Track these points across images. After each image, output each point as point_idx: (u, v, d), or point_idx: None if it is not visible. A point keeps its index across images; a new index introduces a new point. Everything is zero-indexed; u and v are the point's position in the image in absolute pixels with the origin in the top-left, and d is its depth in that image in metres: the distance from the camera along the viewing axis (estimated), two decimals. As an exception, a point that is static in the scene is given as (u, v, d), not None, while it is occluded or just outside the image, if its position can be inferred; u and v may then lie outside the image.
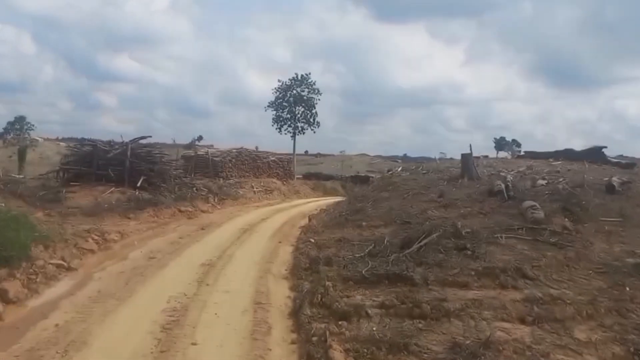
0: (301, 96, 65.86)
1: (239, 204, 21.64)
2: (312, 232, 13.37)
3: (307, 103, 66.02)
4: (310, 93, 66.02)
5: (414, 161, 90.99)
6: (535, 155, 29.42)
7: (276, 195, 27.26)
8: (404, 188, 17.49)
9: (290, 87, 65.79)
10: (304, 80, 66.00)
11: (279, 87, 65.69)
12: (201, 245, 11.32)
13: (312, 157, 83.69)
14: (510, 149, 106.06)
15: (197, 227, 14.08)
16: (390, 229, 11.78)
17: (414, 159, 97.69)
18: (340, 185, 38.48)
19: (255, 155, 30.41)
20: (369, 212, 14.89)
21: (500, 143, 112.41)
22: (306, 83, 66.06)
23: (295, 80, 66.00)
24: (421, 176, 19.59)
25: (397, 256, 8.69)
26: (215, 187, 21.95)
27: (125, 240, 11.45)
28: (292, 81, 65.90)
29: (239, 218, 16.69)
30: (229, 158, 27.75)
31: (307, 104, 66.02)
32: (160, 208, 15.71)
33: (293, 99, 65.82)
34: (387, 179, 20.68)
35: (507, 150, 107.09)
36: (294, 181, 33.44)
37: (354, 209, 16.38)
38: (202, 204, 18.31)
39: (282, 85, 65.93)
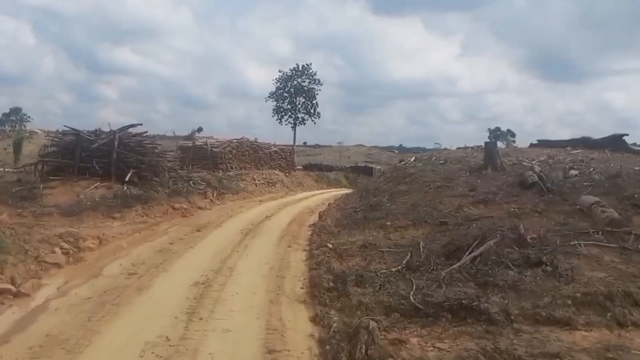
0: (302, 87, 63.56)
1: (240, 198, 19.39)
2: (326, 233, 11.14)
3: (308, 94, 63.75)
4: (311, 84, 63.73)
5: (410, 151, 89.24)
6: (550, 144, 27.18)
7: (279, 188, 25.02)
8: (423, 180, 15.35)
9: (291, 77, 63.45)
10: (305, 71, 63.63)
11: (280, 77, 63.35)
12: (196, 253, 9.07)
13: (311, 148, 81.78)
14: (505, 139, 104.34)
15: (192, 228, 11.84)
16: (422, 230, 9.57)
17: (410, 149, 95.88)
18: (344, 176, 36.24)
19: (257, 145, 28.12)
20: (389, 208, 12.72)
21: (495, 133, 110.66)
22: (307, 73, 63.72)
23: (296, 71, 63.64)
24: (439, 167, 17.40)
25: (448, 272, 6.49)
26: (214, 180, 19.68)
27: (103, 248, 9.21)
28: (293, 72, 63.54)
29: (241, 215, 14.43)
30: (229, 149, 25.47)
31: (308, 94, 63.75)
32: (150, 205, 13.44)
33: (294, 89, 63.53)
34: (401, 169, 18.45)
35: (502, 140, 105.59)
36: (297, 172, 31.18)
37: (370, 204, 14.21)
38: (200, 200, 16.05)
39: (283, 75, 63.59)
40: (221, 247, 9.64)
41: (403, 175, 16.79)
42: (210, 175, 20.56)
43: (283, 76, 61.84)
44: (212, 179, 19.62)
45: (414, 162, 20.29)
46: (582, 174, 14.41)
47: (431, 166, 17.60)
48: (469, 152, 24.00)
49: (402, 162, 20.60)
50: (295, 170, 31.83)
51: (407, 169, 17.90)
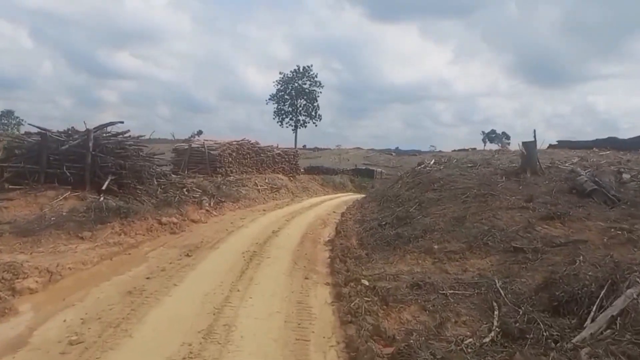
0: (303, 89, 61.02)
1: (241, 207, 16.62)
2: (352, 257, 8.41)
3: (309, 96, 61.23)
4: (312, 86, 61.23)
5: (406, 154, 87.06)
6: (572, 145, 24.53)
7: (284, 194, 22.26)
8: (455, 186, 12.65)
9: (292, 79, 60.89)
10: (306, 73, 61.08)
11: (281, 79, 60.83)
12: (179, 296, 6.30)
13: (310, 151, 79.55)
14: (500, 141, 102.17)
15: (181, 250, 9.08)
16: (489, 259, 6.83)
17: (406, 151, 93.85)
18: (349, 179, 33.53)
19: (259, 148, 25.34)
20: (424, 222, 10.00)
21: (490, 135, 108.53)
22: (308, 75, 61.16)
23: (297, 73, 61.09)
24: (467, 170, 14.67)
25: (587, 352, 3.78)
26: (212, 186, 16.92)
27: (51, 289, 6.43)
28: (294, 73, 60.98)
29: (242, 231, 11.66)
30: (229, 151, 22.69)
31: (309, 96, 61.22)
32: (131, 220, 10.68)
33: (295, 91, 61.00)
34: (423, 174, 15.70)
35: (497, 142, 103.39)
36: (301, 177, 28.42)
37: (396, 215, 11.51)
38: (194, 211, 13.29)
39: (284, 77, 61.05)
40: (216, 282, 6.88)
41: (429, 180, 14.05)
42: (207, 181, 17.79)
43: (284, 78, 59.29)
44: (209, 185, 16.86)
45: (434, 165, 17.58)
46: (636, 179, 11.94)
47: (458, 170, 14.88)
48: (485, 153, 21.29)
49: (421, 166, 17.87)
50: (300, 174, 29.08)
51: (432, 173, 15.17)
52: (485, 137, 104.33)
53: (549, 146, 25.02)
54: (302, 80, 59.00)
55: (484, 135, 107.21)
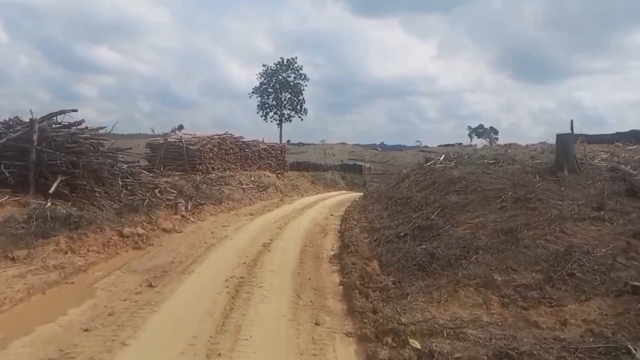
0: (287, 82, 58.34)
1: (223, 210, 14.25)
2: (375, 287, 6.19)
3: (294, 89, 58.60)
4: (296, 79, 58.60)
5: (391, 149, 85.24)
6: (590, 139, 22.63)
7: (272, 193, 19.92)
8: (483, 187, 10.55)
9: (275, 72, 58.15)
10: (290, 65, 58.38)
11: (264, 72, 58.03)
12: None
13: (295, 147, 77.20)
14: (489, 136, 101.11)
15: (142, 277, 6.72)
16: (595, 304, 4.69)
17: (391, 147, 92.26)
18: (340, 176, 31.32)
19: (243, 142, 22.92)
20: (457, 235, 7.88)
21: (477, 131, 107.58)
22: (292, 68, 58.47)
23: (281, 65, 58.37)
24: (491, 168, 12.56)
25: None
26: (190, 186, 14.53)
27: None
28: (278, 66, 58.27)
29: (224, 244, 9.29)
30: (210, 146, 20.24)
31: (294, 89, 58.59)
32: (84, 232, 8.31)
33: (279, 84, 58.33)
34: (437, 172, 13.54)
35: (485, 137, 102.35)
36: (289, 173, 26.10)
37: (417, 225, 9.32)
38: (166, 217, 10.93)
39: (267, 70, 58.26)
40: (186, 338, 4.58)
41: (446, 179, 11.89)
42: (184, 180, 15.37)
43: (267, 71, 56.67)
44: (186, 185, 14.46)
45: (445, 161, 15.45)
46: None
47: (478, 167, 12.74)
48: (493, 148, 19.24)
49: (429, 162, 15.70)
50: (288, 170, 26.75)
51: (447, 171, 13.01)
52: (472, 133, 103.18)
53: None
54: (286, 73, 56.44)
55: (471, 131, 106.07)
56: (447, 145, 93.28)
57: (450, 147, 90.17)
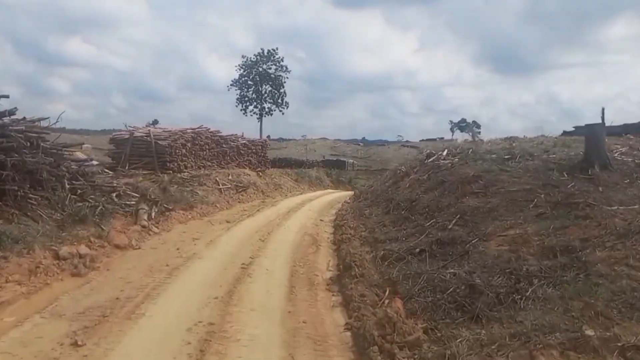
0: (268, 74, 55.95)
1: (195, 216, 12.22)
2: (401, 340, 4.33)
3: (275, 81, 56.27)
4: (277, 70, 56.27)
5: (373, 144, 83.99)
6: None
7: (252, 194, 17.91)
8: (507, 188, 8.82)
9: (255, 63, 55.74)
10: (271, 57, 55.99)
11: (243, 63, 55.53)
12: None
13: (275, 142, 75.20)
14: (471, 130, 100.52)
15: (68, 327, 4.72)
16: None
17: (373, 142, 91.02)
18: (325, 173, 29.44)
19: (220, 137, 20.81)
20: (492, 254, 6.04)
21: (460, 125, 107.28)
22: (273, 59, 56.08)
23: (261, 56, 55.95)
24: (509, 165, 10.83)
25: None
26: (156, 188, 12.47)
27: None
28: (258, 57, 55.84)
29: (192, 268, 7.22)
30: (182, 141, 18.09)
31: (275, 82, 56.26)
32: (4, 255, 6.28)
33: (259, 77, 55.92)
34: (444, 170, 11.75)
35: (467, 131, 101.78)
36: (271, 171, 24.08)
37: (435, 239, 7.49)
38: (122, 229, 8.91)
39: (247, 61, 55.82)
40: None
41: (459, 179, 10.09)
42: (150, 181, 13.28)
43: (247, 62, 54.25)
44: (151, 187, 12.38)
45: (449, 157, 13.67)
46: None
47: (493, 164, 11.00)
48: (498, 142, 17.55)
49: (431, 158, 13.88)
50: (269, 167, 24.72)
51: (456, 168, 11.21)
52: (455, 127, 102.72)
53: (563, 133, 21.62)
54: (267, 65, 54.15)
55: (453, 125, 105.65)
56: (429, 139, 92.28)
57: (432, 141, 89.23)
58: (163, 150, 17.38)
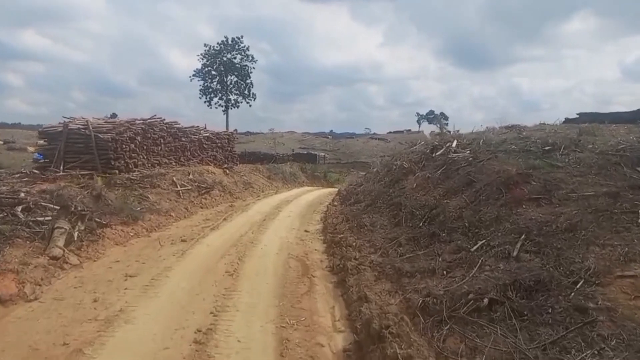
0: (233, 63, 52.23)
1: (141, 232, 9.11)
2: None
3: (241, 71, 52.67)
4: (243, 60, 52.65)
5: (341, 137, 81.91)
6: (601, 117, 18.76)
7: (218, 197, 14.79)
8: (578, 193, 6.08)
9: (219, 52, 51.97)
10: (236, 45, 52.31)
11: (206, 52, 51.61)
12: None
13: (242, 136, 71.90)
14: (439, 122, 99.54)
15: None
16: None
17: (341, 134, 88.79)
18: (299, 168, 26.50)
19: (178, 129, 17.56)
20: (625, 312, 3.12)
21: (428, 117, 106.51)
22: (238, 48, 52.38)
23: (225, 45, 52.20)
24: (557, 158, 8.20)
25: None
26: (85, 196, 9.28)
27: None
28: (222, 45, 52.07)
29: (111, 347, 4.24)
30: (130, 134, 14.82)
31: (240, 72, 52.65)
32: None
33: (223, 66, 52.19)
34: (465, 165, 9.02)
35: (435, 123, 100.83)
36: (240, 167, 20.95)
37: (495, 276, 4.60)
38: (21, 262, 5.80)
39: (210, 50, 51.99)
40: None
41: (499, 179, 7.35)
42: (79, 186, 10.03)
43: (210, 51, 50.46)
44: (79, 195, 9.17)
45: (459, 148, 10.99)
46: None
47: (533, 157, 8.37)
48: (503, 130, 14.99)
49: (439, 152, 11.15)
50: (238, 163, 21.57)
51: (485, 165, 8.46)
52: (423, 119, 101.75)
53: (566, 120, 19.28)
54: (231, 54, 50.55)
55: (420, 117, 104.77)
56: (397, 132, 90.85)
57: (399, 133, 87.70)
58: (106, 145, 14.10)
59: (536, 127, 15.04)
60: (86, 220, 8.35)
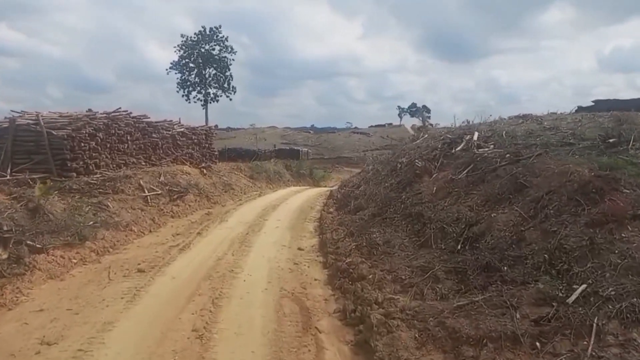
0: (211, 55, 49.45)
1: (88, 256, 6.91)
2: None
3: (220, 63, 49.92)
4: (222, 51, 49.88)
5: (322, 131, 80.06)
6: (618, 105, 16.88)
7: (192, 202, 12.55)
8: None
9: (197, 43, 49.12)
10: (214, 36, 49.51)
11: (183, 43, 48.73)
12: None
13: (223, 132, 69.44)
14: (421, 115, 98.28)
15: None
16: None
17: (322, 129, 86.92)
18: (284, 166, 24.32)
19: (147, 124, 15.23)
20: None
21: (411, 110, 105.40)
22: (216, 39, 49.57)
23: (202, 35, 49.35)
24: (634, 154, 6.16)
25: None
26: (17, 210, 7.01)
27: None
28: (199, 36, 49.23)
29: None
30: (90, 130, 12.49)
31: (220, 64, 49.92)
32: None
33: (202, 58, 49.39)
34: (507, 166, 7.02)
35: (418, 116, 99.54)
36: (219, 166, 18.67)
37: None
38: None
39: (187, 41, 49.12)
40: None
41: (556, 182, 5.40)
42: (9, 197, 7.73)
43: (187, 42, 47.58)
44: (6, 210, 6.91)
45: (480, 141, 9.00)
46: None
47: (595, 153, 6.43)
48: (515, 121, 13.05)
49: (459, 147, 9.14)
50: (217, 162, 19.28)
51: (536, 164, 6.47)
52: (405, 112, 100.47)
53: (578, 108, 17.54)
54: (209, 45, 47.78)
55: (401, 110, 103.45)
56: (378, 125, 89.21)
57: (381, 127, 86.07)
58: (61, 143, 11.79)
59: (550, 116, 13.24)
60: (11, 245, 6.13)
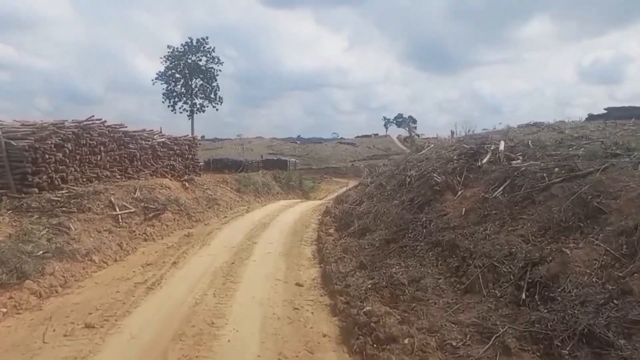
0: (198, 65, 47.84)
1: (28, 302, 5.21)
2: None
3: (206, 74, 48.34)
4: (209, 62, 48.32)
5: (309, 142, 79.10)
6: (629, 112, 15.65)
7: (170, 222, 10.83)
8: None
9: (184, 54, 47.53)
10: (201, 47, 47.96)
11: (170, 54, 47.08)
12: None
13: (210, 142, 68.03)
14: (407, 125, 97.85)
15: None
16: None
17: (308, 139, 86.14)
18: (273, 177, 22.68)
19: (123, 133, 13.53)
20: None
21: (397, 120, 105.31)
22: (203, 50, 48.03)
23: (189, 46, 47.77)
24: None
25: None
26: None
27: None
28: (186, 47, 47.64)
29: None
30: (57, 139, 10.77)
31: (206, 75, 48.32)
32: None
33: (188, 69, 47.79)
34: (566, 182, 5.50)
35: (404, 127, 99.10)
36: (203, 177, 16.97)
37: None
38: None
39: (173, 52, 47.52)
40: None
41: None
42: None
43: (173, 53, 45.93)
44: None
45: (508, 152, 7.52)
46: None
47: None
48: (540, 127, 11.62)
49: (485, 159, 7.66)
50: (201, 174, 17.58)
51: (604, 181, 5.02)
52: (391, 122, 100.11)
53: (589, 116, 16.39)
54: (196, 56, 46.20)
55: (387, 121, 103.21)
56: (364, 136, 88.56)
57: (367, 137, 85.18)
58: (21, 155, 10.08)
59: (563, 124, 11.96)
60: None
